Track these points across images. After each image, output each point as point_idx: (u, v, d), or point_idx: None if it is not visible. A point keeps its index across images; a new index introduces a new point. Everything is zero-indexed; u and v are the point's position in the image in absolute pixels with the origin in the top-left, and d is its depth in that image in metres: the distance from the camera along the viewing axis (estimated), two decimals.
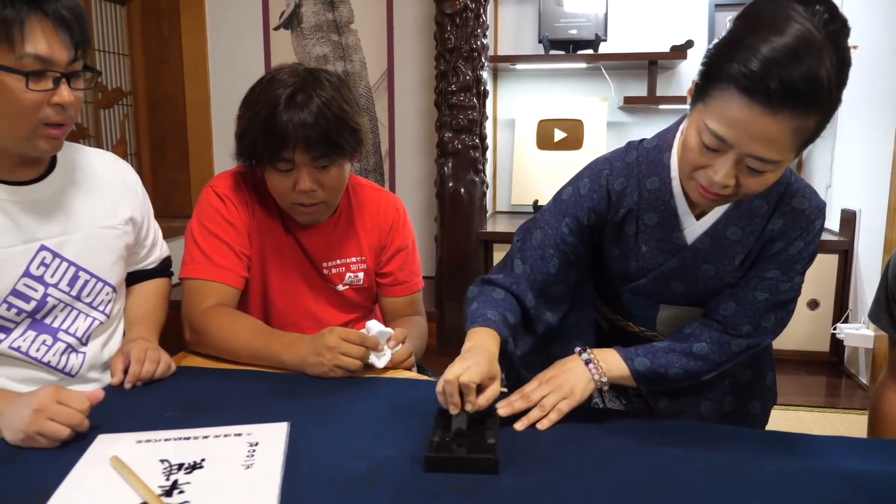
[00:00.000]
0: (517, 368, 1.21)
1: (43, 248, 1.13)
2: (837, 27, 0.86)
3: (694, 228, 1.11)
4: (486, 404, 0.99)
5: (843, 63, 0.87)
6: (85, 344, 1.22)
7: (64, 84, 1.04)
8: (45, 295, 1.14)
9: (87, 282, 1.20)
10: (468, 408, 0.96)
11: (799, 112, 0.86)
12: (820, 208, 1.10)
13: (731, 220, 1.09)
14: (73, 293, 1.18)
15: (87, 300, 1.21)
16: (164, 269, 1.45)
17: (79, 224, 1.19)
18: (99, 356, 1.24)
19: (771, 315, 1.11)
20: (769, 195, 1.08)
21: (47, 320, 1.17)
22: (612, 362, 1.11)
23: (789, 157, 0.92)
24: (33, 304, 1.13)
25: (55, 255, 1.15)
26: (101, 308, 1.24)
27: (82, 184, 1.22)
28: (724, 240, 1.10)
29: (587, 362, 1.10)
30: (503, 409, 1.03)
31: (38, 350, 1.15)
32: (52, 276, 1.15)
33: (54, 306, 1.16)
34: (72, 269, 1.17)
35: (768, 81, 0.84)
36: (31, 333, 1.14)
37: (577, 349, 1.13)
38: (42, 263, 1.13)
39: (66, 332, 1.19)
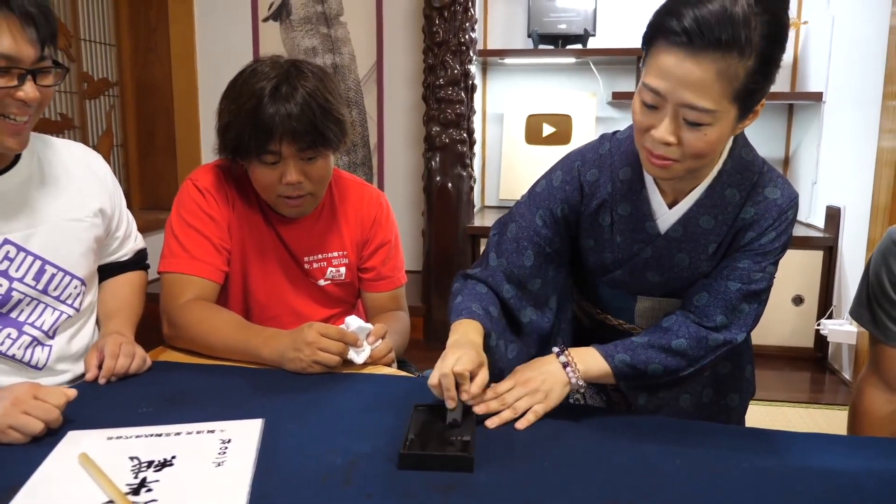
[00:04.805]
0: (500, 366, 1.20)
1: (7, 241, 1.12)
2: None
3: (667, 217, 1.12)
4: (478, 391, 1.00)
5: (769, 13, 0.90)
6: (51, 337, 1.20)
7: (29, 80, 1.03)
8: (10, 289, 1.13)
9: (53, 275, 1.18)
10: (463, 397, 0.98)
11: (719, 54, 0.89)
12: (792, 199, 1.11)
13: (704, 208, 1.10)
14: (40, 287, 1.17)
15: (55, 294, 1.19)
16: (139, 261, 1.43)
17: (45, 217, 1.17)
18: (66, 349, 1.23)
19: (744, 305, 1.11)
20: (742, 184, 1.09)
21: (13, 314, 1.15)
22: (590, 362, 1.10)
23: (724, 107, 0.94)
24: None
25: (20, 248, 1.14)
26: (69, 302, 1.22)
27: (48, 175, 1.20)
28: (697, 228, 1.11)
29: (564, 365, 1.09)
30: (479, 408, 1.02)
31: (2, 343, 1.14)
32: (16, 270, 1.13)
33: (20, 300, 1.15)
34: (38, 263, 1.16)
35: (683, 21, 0.89)
36: None
37: (555, 350, 1.12)
38: (6, 258, 1.12)
39: (32, 325, 1.17)
